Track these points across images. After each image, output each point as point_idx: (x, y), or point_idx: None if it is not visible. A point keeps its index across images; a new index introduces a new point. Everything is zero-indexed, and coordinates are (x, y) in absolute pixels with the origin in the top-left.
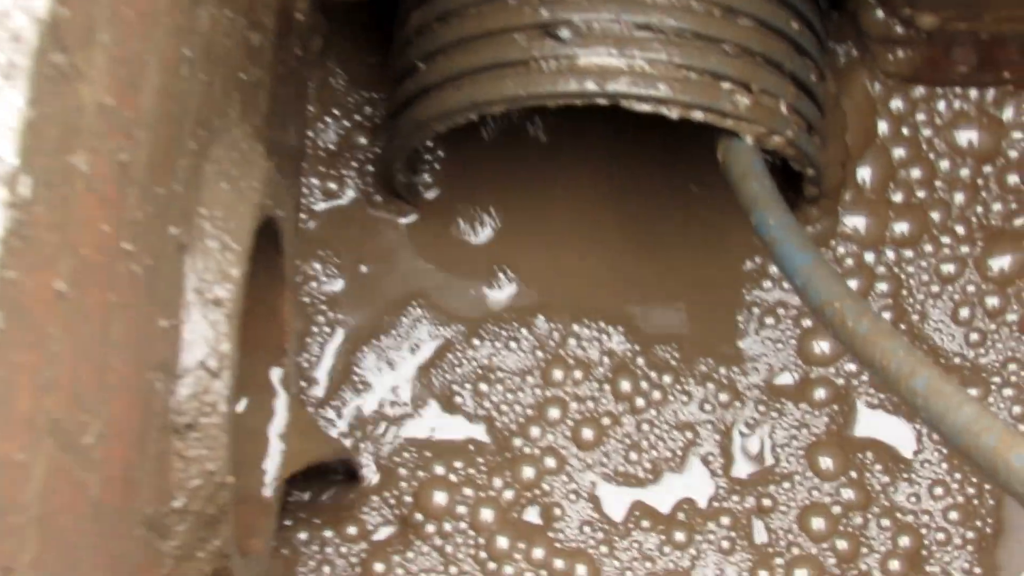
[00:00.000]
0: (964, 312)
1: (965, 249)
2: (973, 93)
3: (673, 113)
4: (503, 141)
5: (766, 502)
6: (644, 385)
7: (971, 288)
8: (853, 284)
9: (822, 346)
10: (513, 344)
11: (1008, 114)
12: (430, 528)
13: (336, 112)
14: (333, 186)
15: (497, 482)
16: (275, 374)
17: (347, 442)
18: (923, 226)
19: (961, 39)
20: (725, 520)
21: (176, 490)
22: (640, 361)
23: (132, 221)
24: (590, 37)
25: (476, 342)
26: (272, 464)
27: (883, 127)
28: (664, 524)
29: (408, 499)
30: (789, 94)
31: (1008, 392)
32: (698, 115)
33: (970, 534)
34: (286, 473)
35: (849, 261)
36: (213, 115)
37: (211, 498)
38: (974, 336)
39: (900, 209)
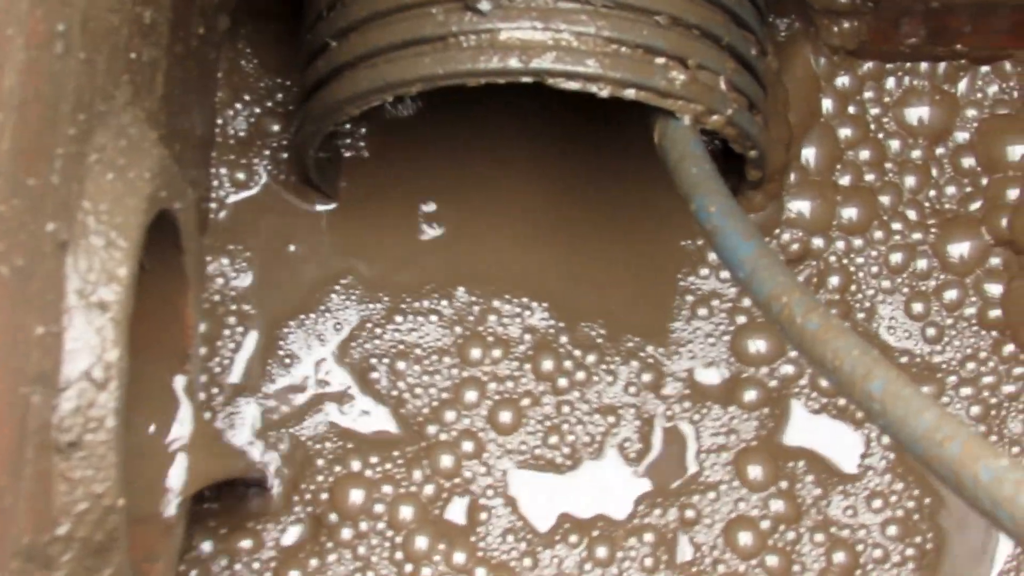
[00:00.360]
0: (918, 306)
1: (918, 236)
2: (923, 67)
3: (604, 91)
4: (427, 119)
5: (689, 513)
6: (567, 364)
7: (926, 279)
8: (799, 275)
9: (758, 345)
10: (434, 318)
11: (961, 89)
12: (346, 532)
13: (247, 97)
14: (244, 176)
15: (417, 474)
16: (178, 382)
17: (258, 438)
18: (873, 211)
19: (910, 8)
20: (648, 536)
21: (60, 515)
22: (564, 339)
23: None
24: (512, 10)
25: (397, 318)
26: (175, 481)
27: (828, 105)
28: (587, 538)
29: (324, 496)
30: (728, 70)
31: (966, 391)
32: (631, 93)
33: (909, 551)
34: (191, 491)
35: (795, 248)
36: (96, 98)
37: (99, 523)
38: (930, 331)
39: (848, 192)
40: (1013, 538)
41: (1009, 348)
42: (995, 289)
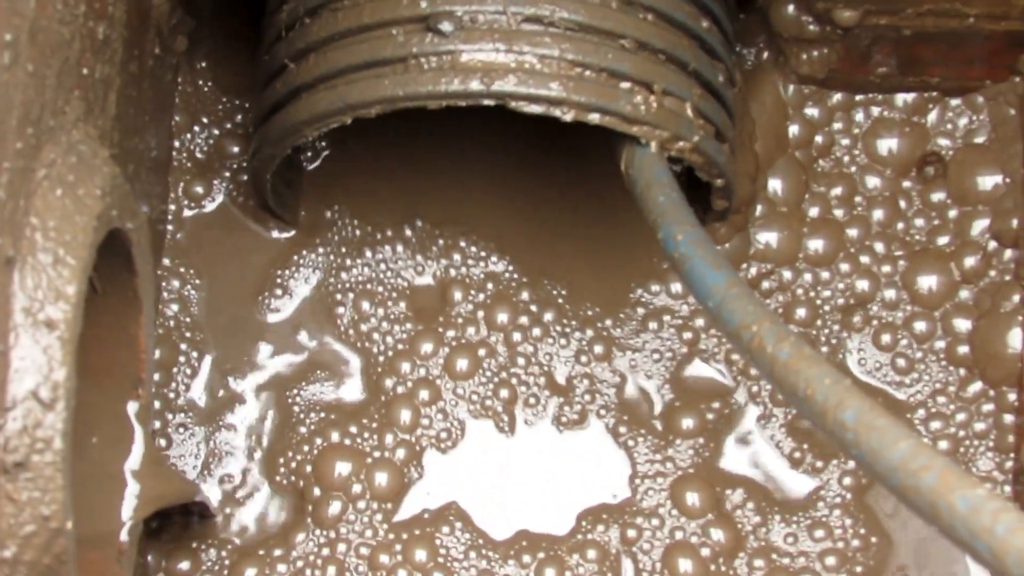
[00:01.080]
0: (886, 337)
1: (887, 268)
2: (894, 98)
3: (567, 115)
4: (391, 145)
5: (631, 533)
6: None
7: (895, 312)
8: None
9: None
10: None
11: (931, 121)
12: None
13: (205, 119)
14: (202, 199)
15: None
16: (131, 407)
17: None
18: (840, 243)
19: (881, 36)
20: (591, 553)
21: (6, 538)
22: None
23: None
24: (474, 31)
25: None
26: (126, 507)
27: (796, 135)
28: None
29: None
30: (695, 96)
31: (935, 425)
32: (595, 117)
33: None
34: (141, 516)
35: (764, 284)
36: (46, 113)
37: (47, 546)
38: (900, 362)
39: (816, 225)
40: (990, 569)
41: (977, 385)
42: (963, 325)
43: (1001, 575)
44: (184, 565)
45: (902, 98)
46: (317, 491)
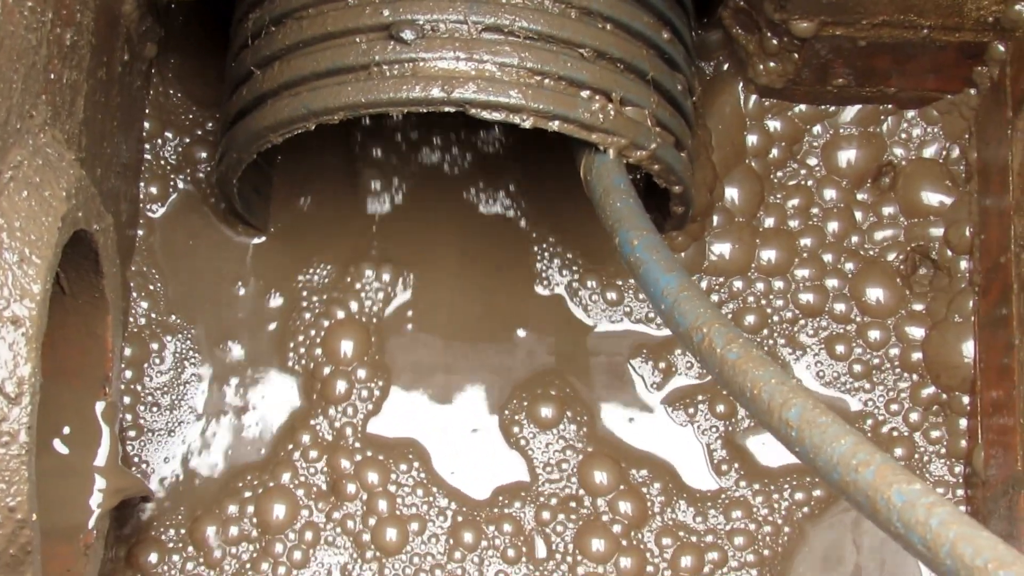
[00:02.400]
0: (840, 347)
1: (838, 280)
2: (850, 110)
3: (526, 122)
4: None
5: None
6: None
7: (846, 324)
8: None
9: None
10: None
11: (887, 133)
12: None
13: (175, 126)
14: (171, 203)
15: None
16: (97, 405)
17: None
18: (793, 253)
19: (838, 48)
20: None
21: None
22: None
23: None
24: (435, 39)
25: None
26: (94, 501)
27: (753, 146)
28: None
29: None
30: (653, 104)
31: (886, 431)
32: (553, 125)
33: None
34: (107, 509)
35: (721, 294)
36: (12, 116)
37: (12, 537)
38: (854, 369)
39: (770, 235)
40: (924, 562)
41: (930, 390)
42: (916, 333)
43: (934, 567)
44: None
45: (859, 109)
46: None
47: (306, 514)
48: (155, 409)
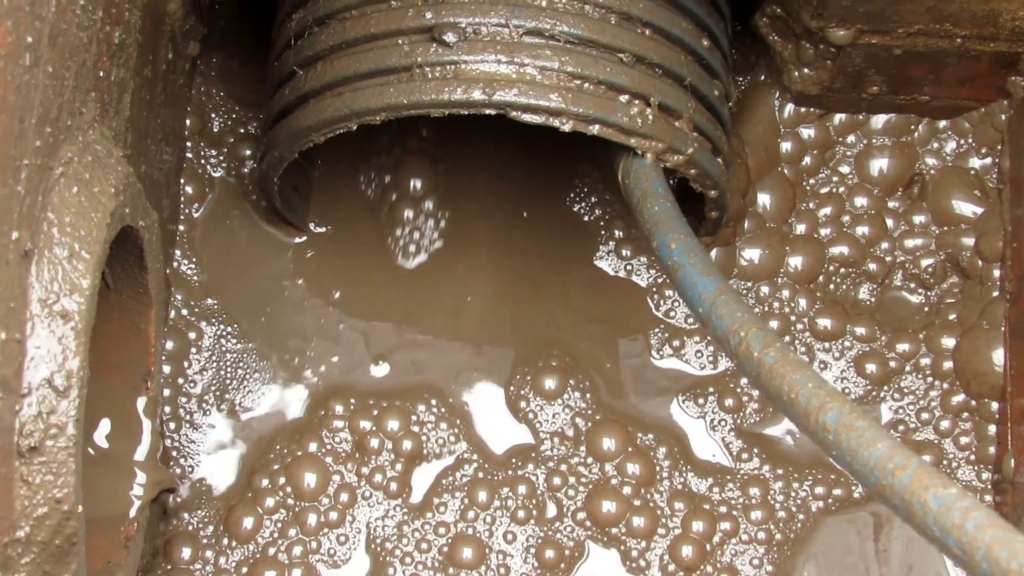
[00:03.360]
0: (867, 349)
1: (863, 289)
2: (883, 119)
3: (566, 126)
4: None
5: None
6: None
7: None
8: None
9: None
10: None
11: (920, 142)
12: None
13: (216, 123)
14: (212, 202)
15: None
16: (140, 399)
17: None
18: (822, 260)
19: (873, 56)
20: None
21: (20, 519)
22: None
23: None
24: (477, 43)
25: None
26: (134, 495)
27: (788, 151)
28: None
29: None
30: (690, 109)
31: (915, 439)
32: (593, 128)
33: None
34: (147, 501)
35: (748, 298)
36: (64, 113)
37: (58, 528)
38: (882, 377)
39: (800, 242)
40: (960, 565)
41: (960, 398)
42: (947, 341)
43: (970, 569)
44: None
45: (891, 119)
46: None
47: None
48: (190, 401)
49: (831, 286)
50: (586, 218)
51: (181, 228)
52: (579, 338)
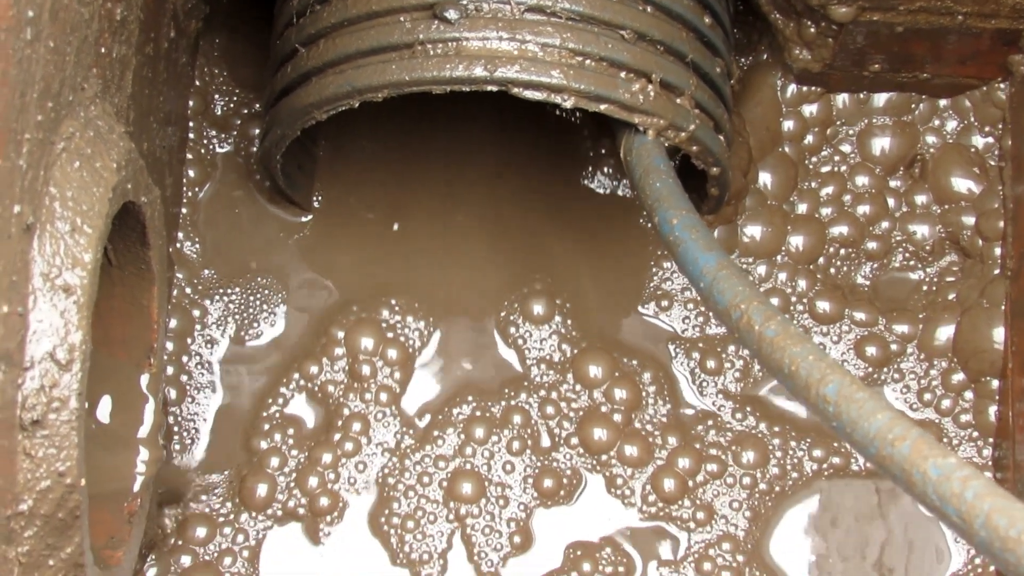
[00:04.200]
0: (868, 331)
1: (863, 268)
2: (883, 97)
3: (567, 102)
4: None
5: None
6: None
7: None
8: None
9: None
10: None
11: (920, 120)
12: None
13: (218, 103)
14: (215, 181)
15: None
16: (143, 376)
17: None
18: (824, 242)
19: (875, 33)
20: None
21: (23, 492)
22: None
23: None
24: (479, 19)
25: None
26: (139, 472)
27: (789, 130)
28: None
29: None
30: (692, 86)
31: (916, 418)
32: (593, 105)
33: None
34: (149, 477)
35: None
36: (65, 88)
37: (61, 501)
38: (881, 355)
39: (801, 221)
40: (959, 533)
41: (959, 377)
42: (948, 321)
43: (968, 537)
44: None
45: (892, 97)
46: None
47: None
48: (193, 376)
49: (832, 269)
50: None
51: (184, 211)
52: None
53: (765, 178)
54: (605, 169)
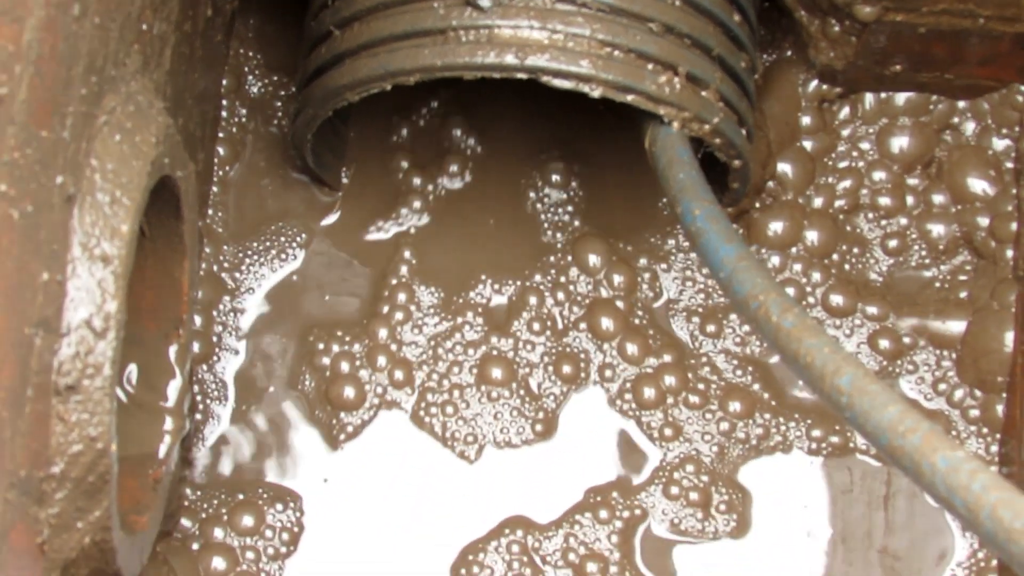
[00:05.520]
0: (878, 326)
1: (877, 265)
2: (904, 97)
3: (595, 92)
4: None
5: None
6: None
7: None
8: None
9: None
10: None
11: (939, 121)
12: None
13: (254, 81)
14: (246, 159)
15: None
16: (171, 346)
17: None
18: (838, 237)
19: (898, 33)
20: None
21: (55, 455)
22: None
23: (10, 162)
24: (511, 8)
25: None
26: (166, 440)
27: (808, 125)
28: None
29: None
30: (717, 80)
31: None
32: (621, 95)
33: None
34: (174, 445)
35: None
36: (108, 63)
37: (92, 465)
38: (892, 351)
39: (817, 216)
40: (965, 524)
41: (969, 374)
42: (959, 319)
43: (975, 528)
44: None
45: (913, 97)
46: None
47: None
48: (223, 358)
49: (846, 266)
50: None
51: (214, 189)
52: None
53: (784, 171)
54: None
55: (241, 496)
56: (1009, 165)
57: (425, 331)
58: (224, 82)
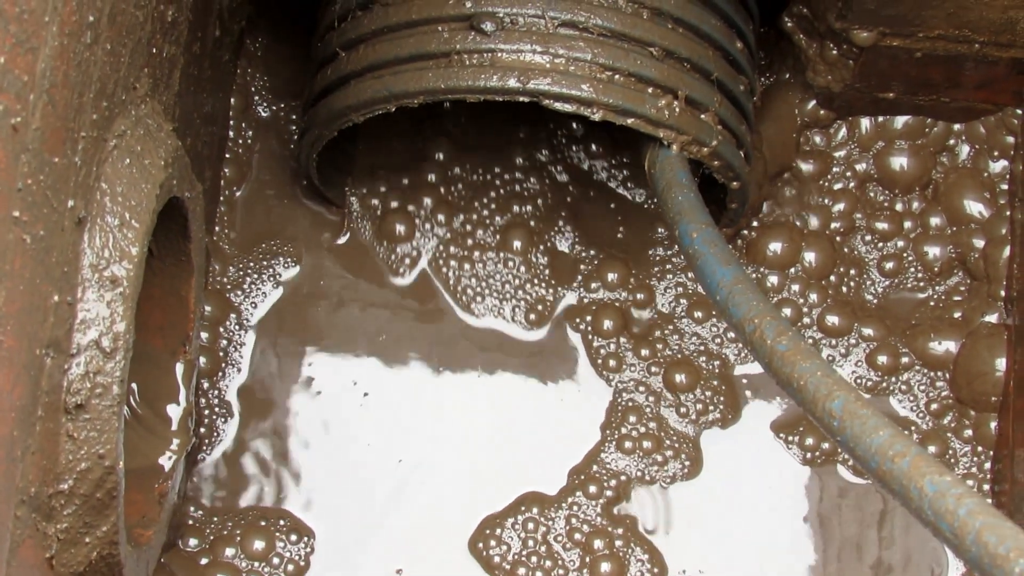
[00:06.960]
0: (872, 347)
1: (872, 287)
2: (900, 120)
3: (596, 115)
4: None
5: None
6: None
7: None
8: None
9: None
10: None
11: (935, 144)
12: None
13: (261, 101)
14: (252, 178)
15: None
16: (178, 363)
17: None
18: (836, 258)
19: (895, 58)
20: None
21: (64, 472)
22: None
23: (23, 188)
24: (514, 32)
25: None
26: (171, 454)
27: (806, 148)
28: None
29: None
30: (716, 103)
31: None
32: (621, 119)
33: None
34: (179, 460)
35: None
36: (119, 88)
37: (100, 482)
38: (884, 374)
39: (814, 237)
40: (951, 548)
41: (961, 395)
42: (952, 340)
43: (960, 553)
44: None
45: (909, 120)
46: None
47: None
48: (228, 374)
49: (844, 287)
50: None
51: (221, 208)
52: None
53: (780, 193)
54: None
55: (251, 516)
56: (1004, 187)
57: None
58: (232, 101)
